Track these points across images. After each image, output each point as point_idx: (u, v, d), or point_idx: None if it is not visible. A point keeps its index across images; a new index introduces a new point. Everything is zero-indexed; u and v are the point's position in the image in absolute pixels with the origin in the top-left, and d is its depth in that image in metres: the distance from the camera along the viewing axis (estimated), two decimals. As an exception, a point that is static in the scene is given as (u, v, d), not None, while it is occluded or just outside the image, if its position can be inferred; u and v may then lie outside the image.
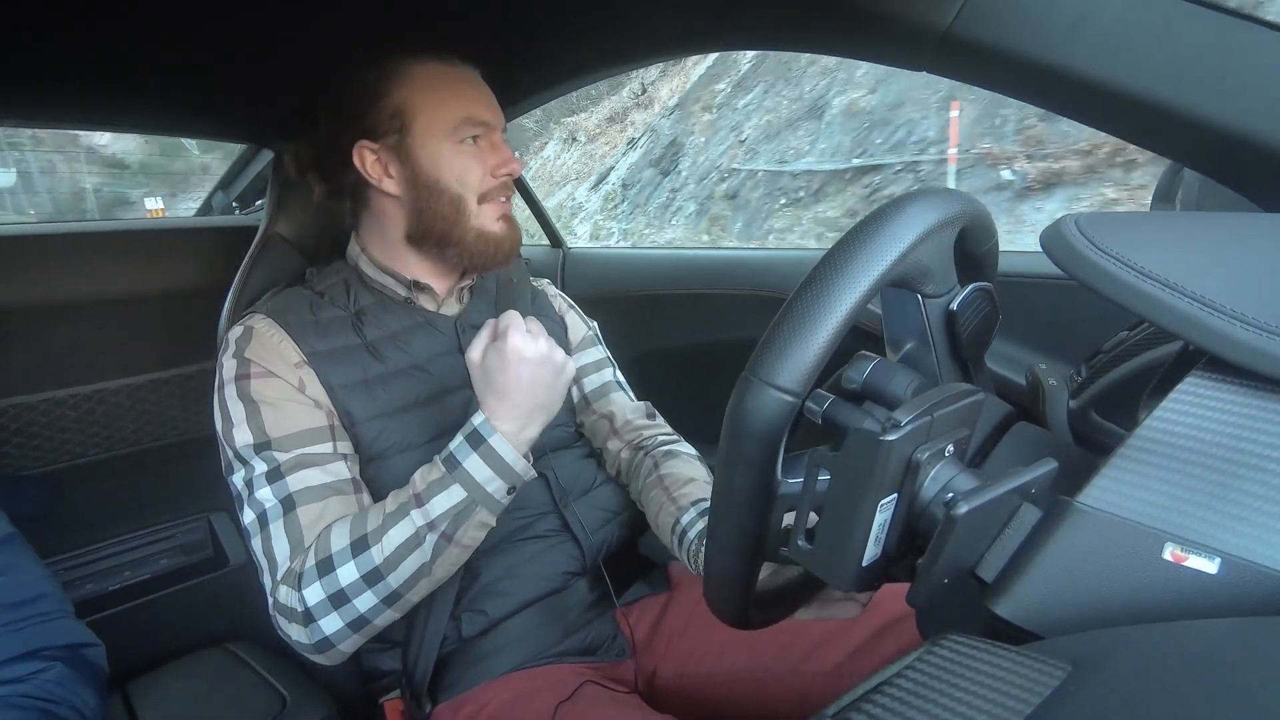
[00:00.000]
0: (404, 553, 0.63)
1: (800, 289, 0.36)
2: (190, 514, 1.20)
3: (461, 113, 0.74)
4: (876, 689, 0.28)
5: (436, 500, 0.63)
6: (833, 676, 0.70)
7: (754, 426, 0.35)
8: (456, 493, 0.63)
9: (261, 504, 0.66)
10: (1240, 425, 0.32)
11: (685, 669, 0.77)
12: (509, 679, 0.72)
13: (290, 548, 0.65)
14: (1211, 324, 0.32)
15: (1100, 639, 0.29)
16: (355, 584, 0.62)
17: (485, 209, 0.77)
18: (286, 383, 0.70)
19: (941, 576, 0.35)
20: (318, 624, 0.63)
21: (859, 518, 0.34)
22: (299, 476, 0.67)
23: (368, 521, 0.64)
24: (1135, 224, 0.39)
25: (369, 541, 0.63)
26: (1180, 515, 0.31)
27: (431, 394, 0.77)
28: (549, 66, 1.00)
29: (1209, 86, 0.48)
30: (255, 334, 0.72)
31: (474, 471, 0.64)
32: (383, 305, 0.79)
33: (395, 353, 0.76)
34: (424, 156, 0.75)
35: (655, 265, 1.45)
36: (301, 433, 0.69)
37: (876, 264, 0.36)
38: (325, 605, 0.63)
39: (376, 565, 0.62)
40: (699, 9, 0.76)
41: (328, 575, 0.63)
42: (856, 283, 0.35)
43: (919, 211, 0.38)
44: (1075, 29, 0.51)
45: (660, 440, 0.88)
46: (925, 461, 0.35)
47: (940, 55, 0.58)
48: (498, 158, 0.77)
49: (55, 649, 0.66)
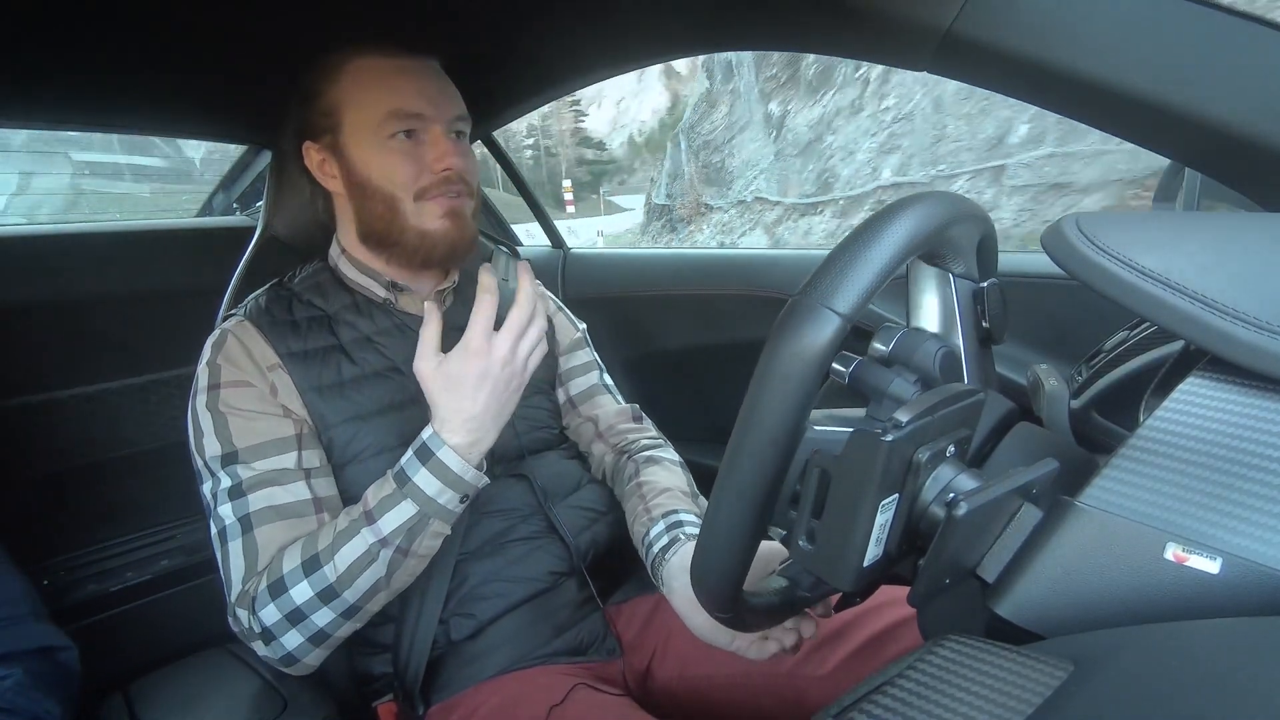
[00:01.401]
0: (358, 569, 0.63)
1: (863, 225, 0.37)
2: (191, 515, 1.20)
3: (388, 106, 0.71)
4: (878, 689, 0.28)
5: (388, 517, 0.63)
6: (830, 680, 0.70)
7: (798, 344, 0.33)
8: (408, 508, 0.63)
9: (223, 520, 0.66)
10: (1242, 425, 0.32)
11: (683, 671, 0.77)
12: (500, 682, 0.72)
13: (245, 569, 0.65)
14: (1213, 323, 0.32)
15: (1102, 639, 0.29)
16: (310, 601, 0.63)
17: (425, 206, 0.73)
18: (258, 390, 0.70)
19: (943, 577, 0.35)
20: (279, 641, 0.64)
21: (860, 518, 0.34)
22: (260, 495, 0.67)
23: (319, 540, 0.64)
24: (1136, 223, 0.39)
25: (320, 560, 0.63)
26: (1182, 515, 0.31)
27: (408, 398, 0.75)
28: (543, 68, 1.00)
29: (1210, 86, 0.48)
30: (230, 339, 0.72)
31: (424, 486, 0.63)
32: (359, 307, 0.78)
33: (371, 355, 0.76)
34: (354, 154, 0.73)
35: (656, 266, 1.45)
36: (268, 443, 0.68)
37: (934, 217, 0.37)
38: (283, 624, 0.63)
39: (330, 583, 0.62)
40: (697, 9, 0.76)
41: (280, 596, 0.63)
42: (918, 226, 0.36)
43: (962, 200, 0.42)
44: (1076, 29, 0.51)
45: (643, 445, 0.88)
46: (926, 462, 0.35)
47: (940, 55, 0.57)
48: (434, 152, 0.72)
49: (19, 654, 0.64)
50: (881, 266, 0.34)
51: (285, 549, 0.65)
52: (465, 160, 0.75)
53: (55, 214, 3.50)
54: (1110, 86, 0.51)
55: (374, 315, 0.78)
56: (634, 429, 0.91)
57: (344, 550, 0.63)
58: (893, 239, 0.35)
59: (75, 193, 3.90)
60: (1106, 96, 0.51)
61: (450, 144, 0.73)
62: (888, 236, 0.35)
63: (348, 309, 0.77)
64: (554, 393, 0.91)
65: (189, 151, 3.21)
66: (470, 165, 0.77)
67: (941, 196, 0.39)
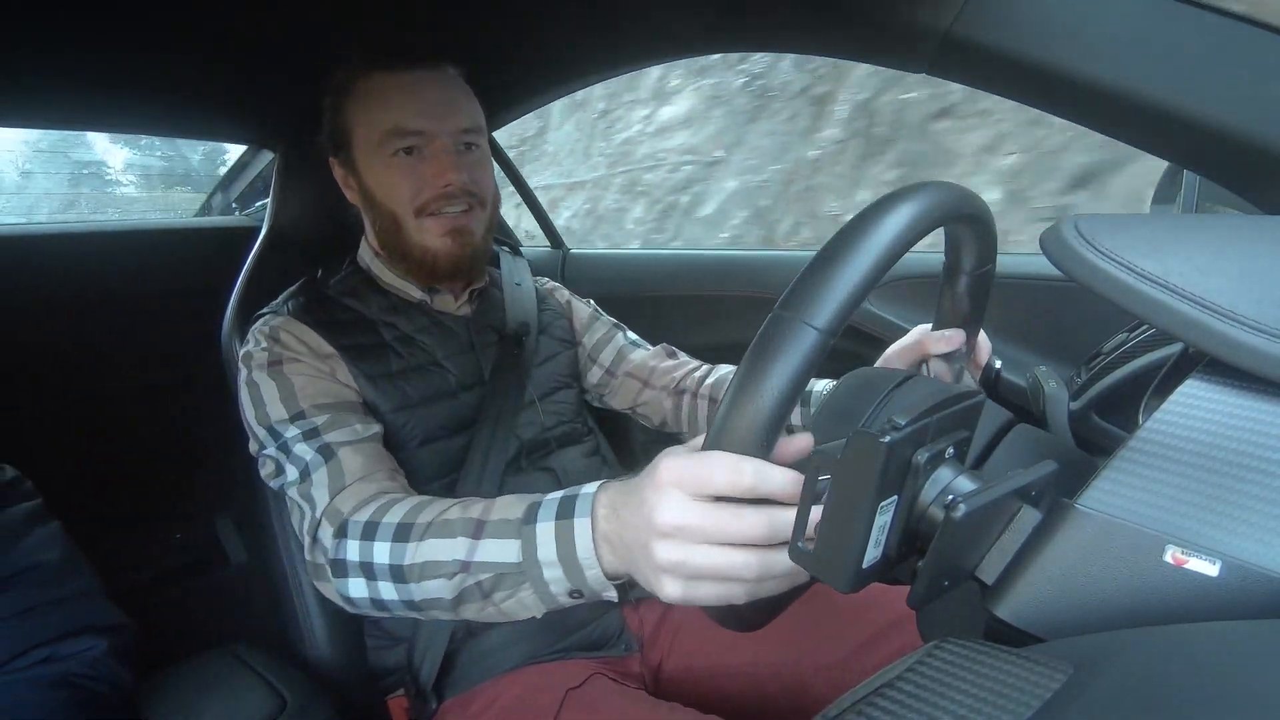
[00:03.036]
0: (431, 572, 0.53)
1: (847, 227, 0.36)
2: (192, 515, 1.20)
3: (387, 125, 0.72)
4: (876, 691, 0.28)
5: (491, 545, 0.51)
6: (836, 670, 0.71)
7: (778, 355, 0.34)
8: (511, 550, 0.50)
9: (302, 458, 0.65)
10: (1241, 428, 0.32)
11: (690, 663, 0.78)
12: (519, 673, 0.73)
13: (331, 485, 0.62)
14: (1212, 326, 0.32)
15: (1101, 642, 0.29)
16: (382, 568, 0.56)
17: (426, 223, 0.74)
18: (317, 368, 0.71)
19: (942, 579, 0.35)
20: (346, 580, 0.58)
21: (859, 520, 0.34)
22: (336, 432, 0.67)
23: (421, 512, 0.56)
24: (1135, 226, 0.39)
25: (409, 535, 0.55)
26: (1181, 518, 0.31)
27: (451, 389, 0.79)
28: (543, 68, 1.00)
29: (1209, 89, 0.48)
30: (283, 330, 0.73)
31: (540, 542, 0.48)
32: (397, 308, 0.81)
33: (415, 350, 0.78)
34: (364, 172, 0.76)
35: (656, 267, 1.45)
36: (335, 404, 0.69)
37: (916, 225, 0.36)
38: (355, 568, 0.57)
39: (403, 565, 0.55)
40: (698, 10, 0.76)
41: (367, 541, 0.57)
42: (899, 235, 0.35)
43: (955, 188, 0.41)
44: (1076, 31, 0.51)
45: (698, 376, 0.90)
46: (925, 463, 0.35)
47: (940, 57, 0.58)
48: (433, 169, 0.73)
49: (103, 627, 0.67)
50: (861, 280, 0.34)
51: (399, 498, 0.60)
52: (472, 173, 0.75)
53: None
54: (1109, 89, 0.51)
55: (411, 315, 0.81)
56: (674, 365, 0.93)
57: (432, 543, 0.53)
58: (875, 247, 0.35)
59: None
60: (1105, 99, 0.51)
61: (452, 158, 0.74)
62: (869, 244, 0.35)
63: (386, 310, 0.80)
64: (577, 385, 0.93)
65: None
66: (479, 176, 0.77)
67: (924, 194, 0.38)
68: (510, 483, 0.78)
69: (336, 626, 0.86)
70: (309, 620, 0.86)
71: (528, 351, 0.85)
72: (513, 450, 0.79)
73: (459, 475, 0.76)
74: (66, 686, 0.61)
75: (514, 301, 0.89)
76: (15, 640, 0.60)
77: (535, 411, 0.84)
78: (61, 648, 0.62)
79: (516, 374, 0.82)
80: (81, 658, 0.63)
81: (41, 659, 0.61)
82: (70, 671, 0.62)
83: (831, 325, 0.34)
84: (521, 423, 0.81)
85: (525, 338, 0.86)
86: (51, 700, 0.59)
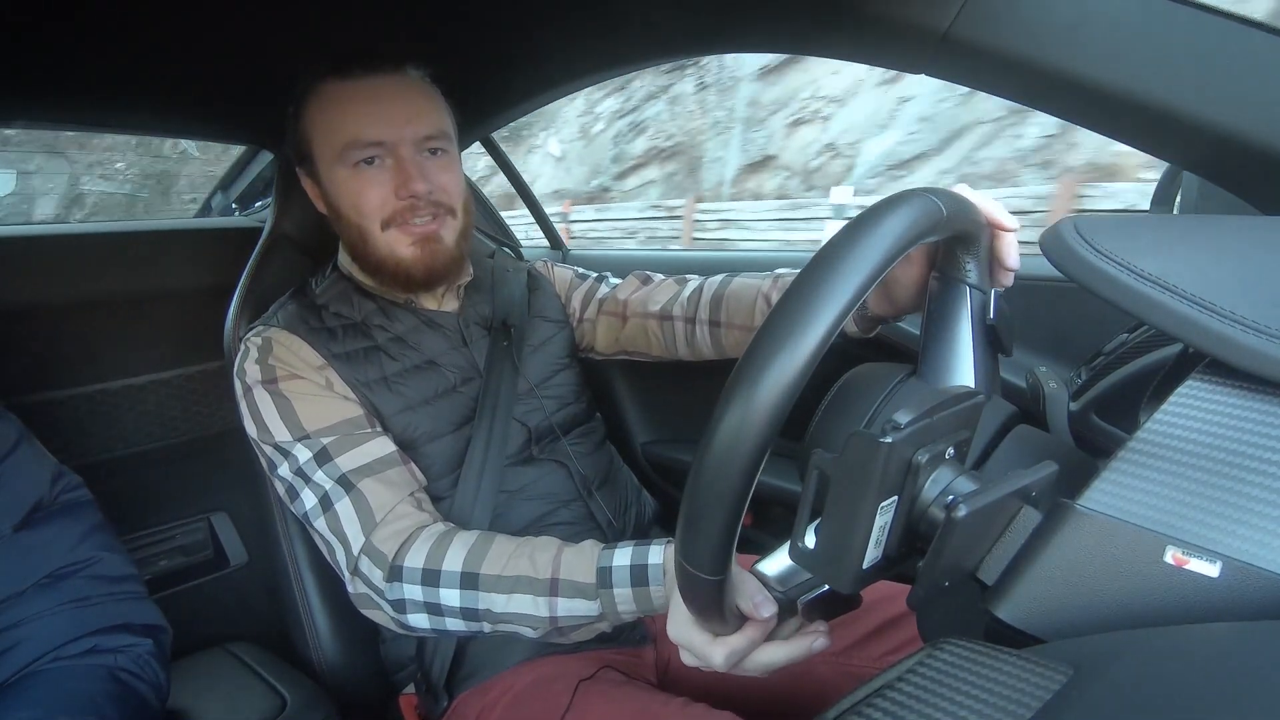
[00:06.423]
0: (510, 620, 0.61)
1: (840, 234, 0.33)
2: (191, 515, 1.19)
3: (345, 136, 0.70)
4: (877, 692, 0.28)
5: (569, 602, 0.60)
6: (844, 656, 0.72)
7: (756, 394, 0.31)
8: (592, 608, 0.60)
9: (321, 486, 0.66)
10: (1241, 428, 0.32)
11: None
12: (532, 664, 0.73)
13: (361, 524, 0.65)
14: (1211, 327, 0.32)
15: (1101, 642, 0.29)
16: (452, 609, 0.62)
17: (394, 234, 0.73)
18: (313, 383, 0.71)
19: (942, 579, 0.35)
20: (408, 616, 0.64)
21: (859, 520, 0.34)
22: (348, 457, 0.67)
23: (486, 562, 0.62)
24: (1134, 226, 0.39)
25: (479, 585, 0.61)
26: (1181, 518, 0.31)
27: (448, 386, 0.78)
28: (540, 70, 1.00)
29: (1208, 90, 0.48)
30: (275, 342, 0.73)
31: (619, 599, 0.59)
32: (385, 311, 0.80)
33: (407, 351, 0.78)
34: (326, 184, 0.74)
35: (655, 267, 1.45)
36: (340, 422, 0.69)
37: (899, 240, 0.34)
38: (420, 606, 0.63)
39: (477, 609, 0.62)
40: (695, 11, 0.76)
41: (430, 587, 0.62)
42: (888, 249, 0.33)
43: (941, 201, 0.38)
44: (1075, 32, 0.51)
45: (684, 299, 0.87)
46: (926, 464, 0.35)
47: (939, 57, 0.57)
48: (398, 178, 0.70)
49: (148, 627, 0.68)
50: (847, 301, 0.32)
51: (454, 539, 0.64)
52: (438, 180, 0.73)
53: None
54: (1108, 90, 0.51)
55: (400, 316, 0.80)
56: (651, 289, 0.91)
57: (506, 598, 0.61)
58: (866, 259, 0.33)
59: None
60: (1104, 100, 0.51)
61: (415, 168, 0.71)
62: (860, 256, 0.33)
63: (374, 314, 0.79)
64: (576, 365, 0.92)
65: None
66: (447, 182, 0.75)
67: (910, 205, 0.36)
68: (524, 473, 0.78)
69: (340, 626, 0.86)
70: (312, 620, 0.86)
71: (516, 339, 0.84)
72: (521, 439, 0.80)
73: (461, 471, 0.76)
74: (115, 680, 0.62)
75: (501, 290, 0.88)
76: (70, 627, 0.62)
77: (536, 398, 0.83)
78: (106, 640, 0.63)
79: (509, 364, 0.82)
80: (129, 653, 0.64)
81: (88, 648, 0.62)
82: (118, 665, 0.63)
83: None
84: (525, 411, 0.81)
85: (512, 327, 0.85)
86: (103, 692, 0.60)
